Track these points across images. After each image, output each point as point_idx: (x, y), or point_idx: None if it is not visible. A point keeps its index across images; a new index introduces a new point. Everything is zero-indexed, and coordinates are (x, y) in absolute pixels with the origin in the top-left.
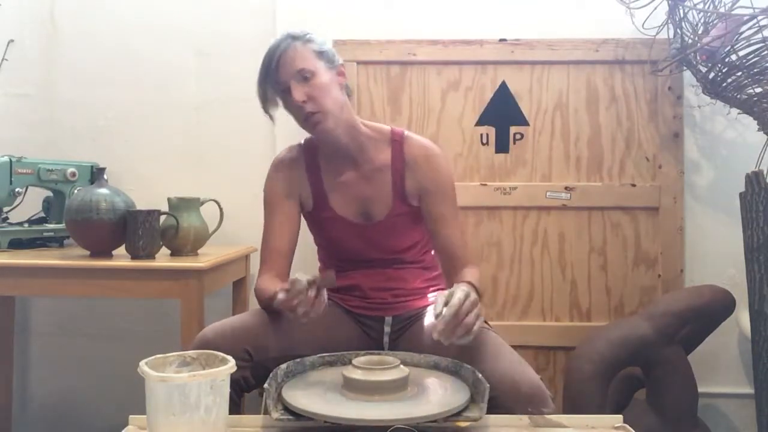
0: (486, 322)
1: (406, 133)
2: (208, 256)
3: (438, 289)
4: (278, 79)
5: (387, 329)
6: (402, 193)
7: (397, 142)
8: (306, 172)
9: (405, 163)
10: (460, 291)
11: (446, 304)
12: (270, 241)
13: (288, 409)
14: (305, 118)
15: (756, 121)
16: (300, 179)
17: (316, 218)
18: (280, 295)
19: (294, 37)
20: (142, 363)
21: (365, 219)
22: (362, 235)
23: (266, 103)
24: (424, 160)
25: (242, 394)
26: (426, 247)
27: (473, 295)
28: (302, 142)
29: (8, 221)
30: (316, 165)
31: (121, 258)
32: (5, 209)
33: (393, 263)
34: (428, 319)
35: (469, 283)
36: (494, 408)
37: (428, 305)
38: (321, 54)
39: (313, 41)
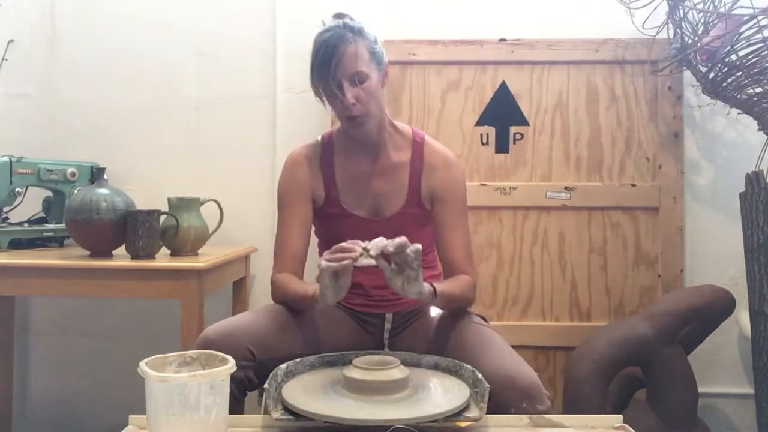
0: (484, 319)
1: (427, 137)
2: (208, 256)
3: None
4: (335, 75)
5: (387, 326)
6: (417, 192)
7: (418, 143)
8: (320, 169)
9: (423, 165)
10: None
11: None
12: (285, 243)
13: (288, 409)
14: (349, 117)
15: (756, 121)
16: (313, 176)
17: (324, 213)
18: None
19: (353, 32)
20: (142, 363)
21: (375, 215)
22: (369, 230)
23: (320, 93)
24: (442, 165)
25: (245, 393)
26: (431, 247)
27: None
28: (319, 138)
29: (8, 221)
30: (330, 162)
31: (121, 258)
32: (5, 209)
33: None
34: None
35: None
36: (490, 401)
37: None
38: (373, 55)
39: (368, 38)
